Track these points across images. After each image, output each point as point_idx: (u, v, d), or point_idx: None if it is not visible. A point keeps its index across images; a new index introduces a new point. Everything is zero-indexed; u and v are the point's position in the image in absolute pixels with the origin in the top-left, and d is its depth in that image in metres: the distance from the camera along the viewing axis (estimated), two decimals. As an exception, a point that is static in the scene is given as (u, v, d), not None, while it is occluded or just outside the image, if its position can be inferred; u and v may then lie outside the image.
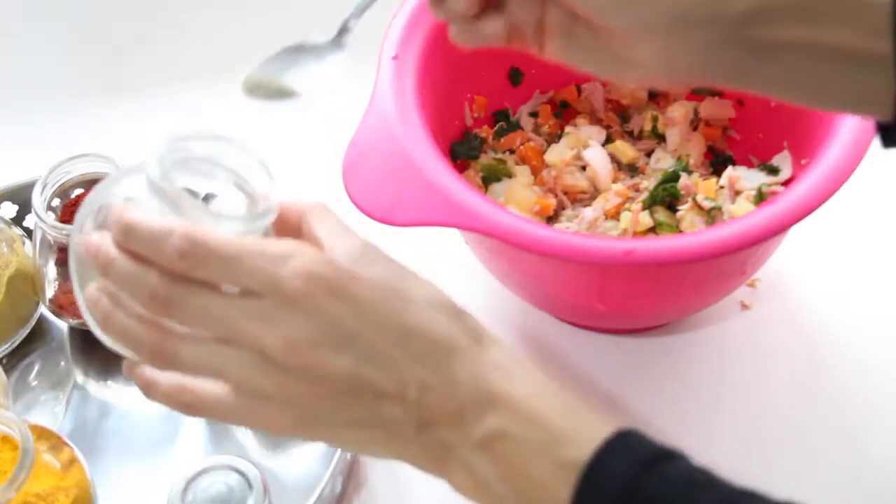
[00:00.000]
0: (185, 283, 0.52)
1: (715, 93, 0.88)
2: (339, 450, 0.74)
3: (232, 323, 0.52)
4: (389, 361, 0.52)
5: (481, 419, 0.52)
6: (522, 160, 0.86)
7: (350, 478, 0.78)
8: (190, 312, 0.52)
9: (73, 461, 0.72)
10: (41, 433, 0.72)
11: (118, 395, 0.83)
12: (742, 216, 0.71)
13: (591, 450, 0.50)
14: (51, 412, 0.82)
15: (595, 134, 0.87)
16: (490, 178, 0.85)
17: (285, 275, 0.51)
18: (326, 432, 0.54)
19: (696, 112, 0.88)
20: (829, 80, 0.55)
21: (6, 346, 0.84)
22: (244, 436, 0.80)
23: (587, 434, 0.51)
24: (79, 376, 0.84)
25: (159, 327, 0.53)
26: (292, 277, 0.51)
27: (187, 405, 0.53)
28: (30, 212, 0.82)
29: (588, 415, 0.53)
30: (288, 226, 0.57)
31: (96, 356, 0.85)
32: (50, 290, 0.83)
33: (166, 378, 0.53)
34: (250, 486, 0.70)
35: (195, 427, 0.80)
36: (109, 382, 0.84)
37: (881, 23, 0.53)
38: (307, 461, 0.78)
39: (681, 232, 0.80)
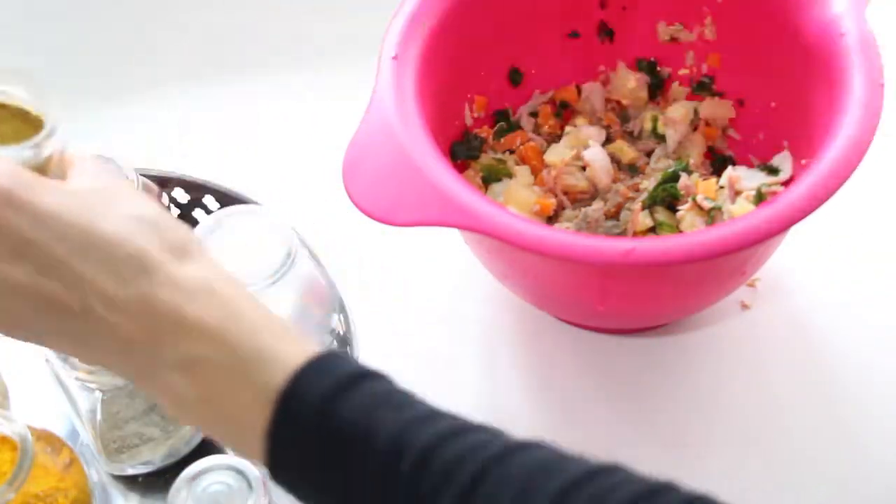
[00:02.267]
0: None
1: (715, 93, 0.88)
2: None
3: None
4: (69, 274, 0.51)
5: (176, 344, 0.51)
6: (522, 160, 0.86)
7: (350, 478, 0.78)
8: None
9: (72, 462, 0.72)
10: (40, 434, 0.72)
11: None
12: (742, 216, 0.71)
13: (286, 375, 0.50)
14: (50, 413, 0.81)
15: (595, 134, 0.87)
16: (490, 178, 0.85)
17: None
18: (30, 337, 0.53)
19: (696, 112, 0.88)
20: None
21: (6, 347, 0.84)
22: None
23: (285, 359, 0.51)
24: (79, 376, 0.84)
25: None
26: None
27: None
28: (29, 212, 0.82)
29: (289, 337, 0.52)
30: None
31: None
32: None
33: None
34: (250, 486, 0.69)
35: (195, 427, 0.80)
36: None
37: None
38: (307, 461, 0.78)
39: (681, 232, 0.80)
